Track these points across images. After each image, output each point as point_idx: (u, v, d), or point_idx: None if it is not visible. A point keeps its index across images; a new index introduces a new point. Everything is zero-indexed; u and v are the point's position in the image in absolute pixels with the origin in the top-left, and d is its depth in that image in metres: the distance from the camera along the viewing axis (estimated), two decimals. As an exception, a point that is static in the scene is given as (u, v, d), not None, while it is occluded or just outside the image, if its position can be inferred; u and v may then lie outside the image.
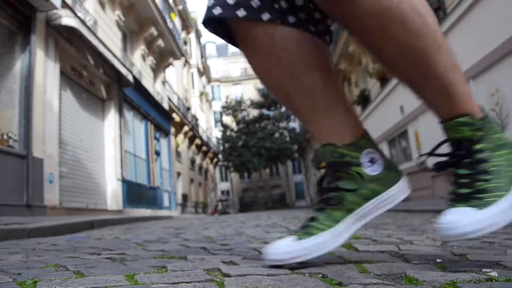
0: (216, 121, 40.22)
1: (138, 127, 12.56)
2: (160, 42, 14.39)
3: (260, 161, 31.62)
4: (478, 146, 0.90)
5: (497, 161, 0.89)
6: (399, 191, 0.98)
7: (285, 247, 0.89)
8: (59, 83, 7.26)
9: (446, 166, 0.94)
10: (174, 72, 20.68)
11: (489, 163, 0.89)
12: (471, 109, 0.91)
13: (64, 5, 7.23)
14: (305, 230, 0.92)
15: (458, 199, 0.87)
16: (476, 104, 0.93)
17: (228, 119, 37.40)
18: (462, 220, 0.82)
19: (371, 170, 0.95)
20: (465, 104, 0.90)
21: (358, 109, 16.29)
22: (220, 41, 60.34)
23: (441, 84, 0.87)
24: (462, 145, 0.90)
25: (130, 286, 0.74)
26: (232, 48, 47.57)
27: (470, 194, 0.87)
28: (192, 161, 23.51)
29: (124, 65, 10.08)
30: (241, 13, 0.89)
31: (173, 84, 20.04)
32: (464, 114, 0.89)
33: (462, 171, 0.90)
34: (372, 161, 0.96)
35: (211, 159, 32.07)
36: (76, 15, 7.65)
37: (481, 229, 0.81)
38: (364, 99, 15.07)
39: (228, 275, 0.81)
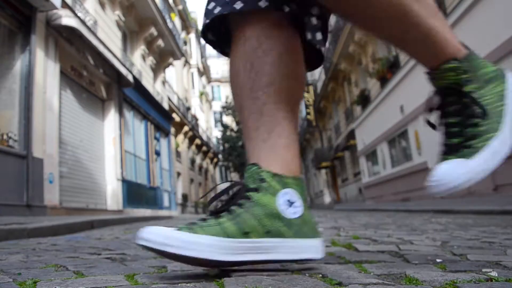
0: (216, 121, 40.23)
1: (138, 127, 12.57)
2: (160, 42, 14.39)
3: (260, 161, 31.59)
4: (465, 89, 0.87)
5: (485, 99, 0.87)
6: (308, 246, 0.86)
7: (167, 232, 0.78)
8: (59, 83, 7.26)
9: (439, 119, 0.91)
10: (174, 72, 20.69)
11: (477, 105, 0.86)
12: (455, 52, 0.87)
13: (64, 5, 7.23)
14: (190, 227, 0.81)
15: (449, 151, 0.86)
16: (459, 44, 0.89)
17: (228, 119, 37.40)
18: (451, 173, 0.81)
19: (290, 211, 0.85)
20: (449, 48, 0.86)
21: (358, 109, 16.29)
22: (220, 41, 60.12)
23: (424, 32, 0.83)
24: (450, 92, 0.88)
25: (130, 286, 0.74)
26: (232, 48, 47.54)
27: (461, 143, 0.85)
28: (192, 161, 23.52)
29: (124, 65, 10.08)
30: (238, 5, 0.88)
31: (173, 84, 20.04)
32: (449, 59, 0.86)
33: (452, 119, 0.88)
34: (290, 204, 0.86)
35: (211, 159, 32.07)
36: (76, 15, 7.65)
37: (471, 179, 0.82)
38: (364, 99, 15.07)
39: (228, 275, 0.81)
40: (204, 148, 27.49)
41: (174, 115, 17.79)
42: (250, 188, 0.86)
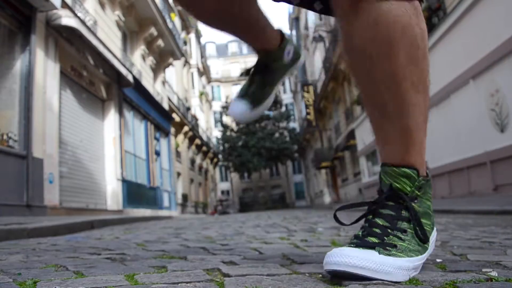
0: (216, 121, 40.23)
1: (138, 127, 12.57)
2: (160, 42, 14.39)
3: (260, 161, 31.63)
4: (410, 204, 0.84)
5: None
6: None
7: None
8: (59, 83, 7.26)
9: (368, 209, 0.87)
10: (174, 72, 20.68)
11: (411, 225, 0.83)
12: (421, 165, 0.87)
13: (64, 5, 7.23)
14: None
15: (363, 245, 0.78)
16: (425, 163, 0.90)
17: (228, 119, 37.40)
18: (358, 253, 0.73)
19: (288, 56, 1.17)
20: (417, 157, 0.86)
21: (358, 109, 16.29)
22: (220, 41, 60.35)
23: (407, 125, 0.82)
24: (394, 196, 0.84)
25: (130, 286, 0.74)
26: (232, 48, 47.58)
27: (378, 244, 0.78)
28: (192, 161, 23.52)
29: (124, 65, 10.08)
30: None
31: (173, 84, 20.04)
32: (413, 167, 0.85)
33: (379, 221, 0.83)
34: (288, 53, 1.17)
35: (211, 159, 32.07)
36: (76, 15, 7.65)
37: (374, 270, 0.72)
38: (364, 99, 15.03)
39: (228, 275, 0.81)
40: (204, 148, 27.49)
41: (174, 115, 17.79)
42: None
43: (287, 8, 52.08)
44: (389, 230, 0.81)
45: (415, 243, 0.82)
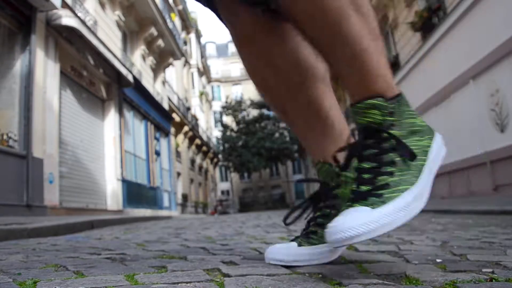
0: (216, 121, 40.22)
1: (138, 127, 12.57)
2: (160, 42, 14.39)
3: (260, 161, 31.62)
4: (387, 134, 0.78)
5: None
6: None
7: (288, 250, 0.92)
8: (59, 83, 7.26)
9: (349, 160, 0.83)
10: (174, 72, 20.68)
11: (406, 148, 0.78)
12: (385, 89, 0.79)
13: (64, 5, 7.23)
14: (306, 240, 0.94)
15: (357, 198, 0.75)
16: (392, 82, 0.81)
17: (228, 119, 37.40)
18: (351, 222, 0.70)
19: None
20: (379, 83, 0.78)
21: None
22: (220, 41, 60.33)
23: (354, 51, 0.76)
24: (370, 132, 0.79)
25: (130, 286, 0.74)
26: (232, 48, 47.56)
27: (370, 191, 0.75)
28: (192, 161, 23.51)
29: (124, 65, 10.08)
30: None
31: (173, 84, 20.04)
32: (377, 95, 0.78)
33: (365, 165, 0.79)
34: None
35: (211, 159, 32.07)
36: (76, 15, 7.65)
37: (370, 231, 0.69)
38: (364, 99, 15.06)
39: (228, 275, 0.81)
40: (204, 148, 27.48)
41: (174, 115, 17.79)
42: (333, 187, 0.95)
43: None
44: (377, 170, 0.77)
45: (408, 169, 0.77)
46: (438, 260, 0.97)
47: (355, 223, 0.69)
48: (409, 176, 0.77)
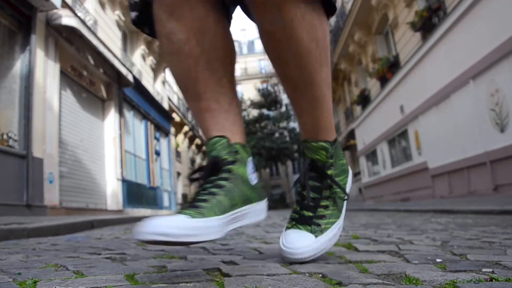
0: (216, 121, 40.17)
1: (138, 127, 12.56)
2: (160, 42, 14.38)
3: (260, 161, 31.63)
4: (329, 172, 0.98)
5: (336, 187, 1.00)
6: (263, 208, 0.99)
7: (178, 222, 0.74)
8: (59, 83, 7.25)
9: (299, 183, 1.01)
10: (174, 72, 20.66)
11: (332, 190, 0.98)
12: (333, 133, 0.98)
13: (64, 5, 7.22)
14: (197, 210, 0.79)
15: (302, 222, 0.96)
16: (333, 128, 1.00)
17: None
18: (303, 246, 0.92)
19: (253, 177, 0.96)
20: (328, 128, 0.97)
21: (358, 109, 16.29)
22: (220, 41, 60.07)
23: (316, 95, 0.91)
24: (314, 166, 0.98)
25: (130, 286, 0.74)
26: (232, 48, 47.53)
27: (311, 218, 0.96)
28: (192, 161, 23.52)
29: (124, 65, 10.08)
30: None
31: (173, 84, 20.04)
32: (326, 139, 0.97)
33: (311, 194, 0.97)
34: (253, 170, 0.97)
35: (211, 159, 32.02)
36: (76, 15, 7.65)
37: (315, 254, 0.93)
38: (364, 99, 15.07)
39: (228, 275, 0.81)
40: (204, 148, 27.47)
41: (174, 115, 17.79)
42: (229, 162, 0.90)
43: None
44: (318, 201, 0.97)
45: (335, 204, 0.99)
46: (438, 260, 0.97)
47: (307, 246, 0.92)
48: (336, 211, 0.99)
